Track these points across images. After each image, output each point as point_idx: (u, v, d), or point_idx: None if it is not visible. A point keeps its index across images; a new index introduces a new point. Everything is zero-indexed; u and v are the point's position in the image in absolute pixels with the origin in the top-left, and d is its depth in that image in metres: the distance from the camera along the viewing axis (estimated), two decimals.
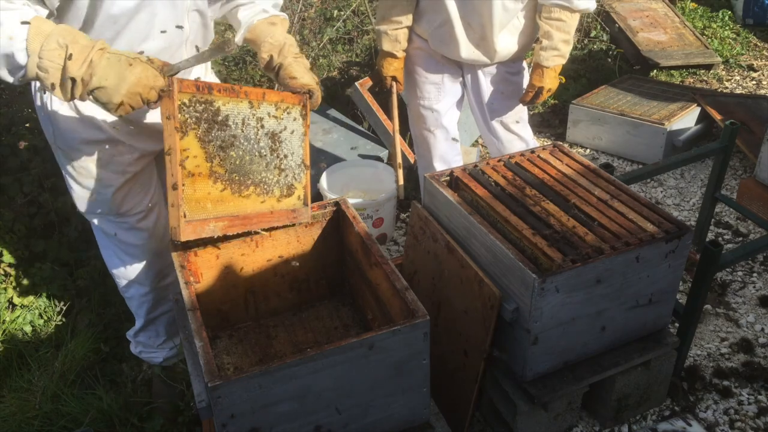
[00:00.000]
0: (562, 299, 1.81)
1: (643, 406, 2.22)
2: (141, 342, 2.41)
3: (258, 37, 1.94)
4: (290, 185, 1.91)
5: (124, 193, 2.01)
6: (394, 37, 2.62)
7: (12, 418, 2.36)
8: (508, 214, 1.99)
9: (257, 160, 1.82)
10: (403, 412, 1.71)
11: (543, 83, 2.56)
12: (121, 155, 1.94)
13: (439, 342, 2.09)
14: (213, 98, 1.70)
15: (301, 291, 2.14)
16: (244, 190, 1.80)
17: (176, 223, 1.66)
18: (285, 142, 1.88)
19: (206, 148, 1.70)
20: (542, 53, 2.51)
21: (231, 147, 1.76)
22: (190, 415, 2.32)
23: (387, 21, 2.61)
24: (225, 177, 1.76)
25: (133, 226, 2.09)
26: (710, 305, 2.76)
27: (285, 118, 1.87)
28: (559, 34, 2.46)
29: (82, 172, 1.94)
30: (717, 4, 5.76)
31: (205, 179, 1.71)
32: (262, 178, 1.84)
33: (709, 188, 2.84)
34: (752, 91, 4.67)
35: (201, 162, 1.70)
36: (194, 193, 1.69)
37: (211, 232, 1.72)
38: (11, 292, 2.83)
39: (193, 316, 1.65)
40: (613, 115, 3.89)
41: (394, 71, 2.73)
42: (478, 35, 2.52)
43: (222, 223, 1.75)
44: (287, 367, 1.49)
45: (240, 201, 1.80)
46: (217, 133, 1.72)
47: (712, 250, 2.04)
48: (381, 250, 1.84)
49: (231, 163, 1.76)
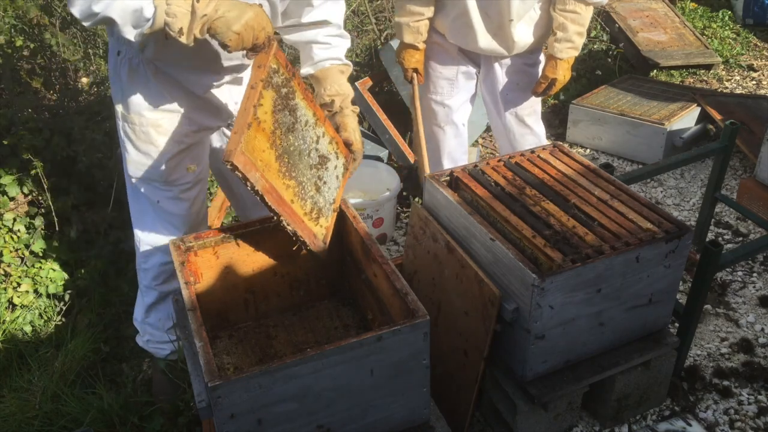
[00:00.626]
0: (562, 299, 1.81)
1: (643, 406, 2.22)
2: (150, 325, 2.37)
3: (326, 79, 2.09)
4: (319, 211, 1.92)
5: (176, 162, 2.11)
6: (415, 29, 2.64)
7: (12, 418, 2.36)
8: (508, 214, 1.99)
9: (305, 161, 1.86)
10: (403, 412, 1.71)
11: (556, 74, 2.60)
12: (180, 126, 2.05)
13: (439, 342, 2.09)
14: (293, 83, 1.80)
15: (301, 291, 2.14)
16: (287, 179, 1.80)
17: (234, 147, 1.63)
18: (328, 171, 1.95)
19: (275, 115, 1.75)
20: (556, 45, 2.54)
21: (291, 132, 1.81)
22: (190, 415, 2.32)
23: (408, 13, 2.62)
24: (279, 151, 1.77)
25: (176, 195, 2.18)
26: (710, 305, 2.76)
27: (334, 153, 1.97)
28: (573, 26, 2.49)
29: (142, 137, 2.05)
30: (717, 4, 5.76)
31: (265, 137, 1.73)
32: (303, 182, 1.85)
33: (709, 188, 2.84)
34: (752, 91, 4.67)
35: (268, 120, 1.73)
36: (254, 139, 1.69)
37: (254, 180, 1.68)
38: (11, 292, 2.83)
39: (193, 316, 1.65)
40: (613, 115, 3.89)
41: (415, 63, 2.74)
42: (495, 25, 2.55)
43: (264, 183, 1.71)
44: (287, 367, 1.49)
45: (281, 184, 1.79)
46: (285, 113, 1.78)
47: (712, 250, 2.04)
48: (381, 250, 1.84)
49: (287, 144, 1.80)
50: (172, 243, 1.90)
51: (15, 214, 2.92)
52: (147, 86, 1.97)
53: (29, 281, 2.87)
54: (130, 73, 1.96)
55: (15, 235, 2.90)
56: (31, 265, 2.90)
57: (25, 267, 2.88)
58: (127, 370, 2.62)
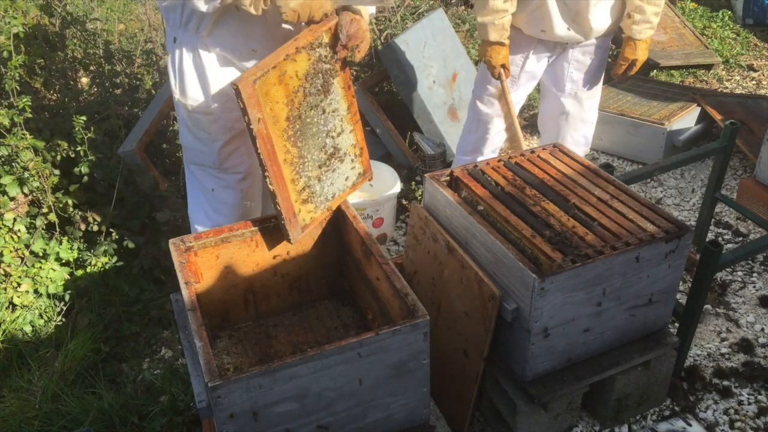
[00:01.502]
0: (562, 299, 1.81)
1: (643, 406, 2.22)
2: None
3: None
4: (311, 196, 1.93)
5: (230, 150, 2.18)
6: (500, 26, 2.68)
7: (12, 418, 2.36)
8: (508, 214, 1.99)
9: (317, 142, 1.89)
10: (403, 412, 1.71)
11: (636, 55, 2.69)
12: (230, 112, 2.11)
13: (439, 342, 2.09)
14: (338, 66, 1.85)
15: (301, 291, 2.14)
16: (290, 144, 1.83)
17: (248, 76, 1.71)
18: (338, 170, 1.98)
19: (305, 80, 1.80)
20: (634, 27, 2.62)
21: (315, 107, 1.84)
22: (190, 415, 2.32)
23: (492, 11, 2.66)
24: (294, 113, 1.80)
25: (230, 184, 2.26)
26: (710, 305, 2.75)
27: (352, 158, 2.01)
28: (650, 8, 2.57)
29: (196, 123, 2.13)
30: (717, 4, 5.76)
31: (285, 92, 1.76)
32: (305, 157, 1.87)
33: (709, 188, 2.84)
34: (752, 91, 4.67)
35: (294, 78, 1.77)
36: (272, 85, 1.73)
37: (253, 117, 1.70)
38: (11, 292, 2.83)
39: (193, 316, 1.65)
40: (613, 115, 3.89)
41: (503, 59, 2.78)
42: (573, 12, 2.61)
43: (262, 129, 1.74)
44: (287, 367, 1.49)
45: (281, 144, 1.81)
46: (317, 86, 1.82)
47: (712, 250, 2.04)
48: (381, 250, 1.84)
49: (305, 114, 1.83)
50: (172, 243, 1.90)
51: (15, 214, 2.92)
52: (200, 71, 2.05)
53: (29, 281, 2.87)
54: (185, 58, 2.05)
55: (15, 235, 2.90)
56: (31, 265, 2.89)
57: (25, 267, 2.88)
58: (127, 370, 2.62)
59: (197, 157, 2.25)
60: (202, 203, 2.35)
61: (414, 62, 3.71)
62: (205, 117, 2.12)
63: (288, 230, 1.88)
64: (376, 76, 3.96)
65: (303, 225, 1.93)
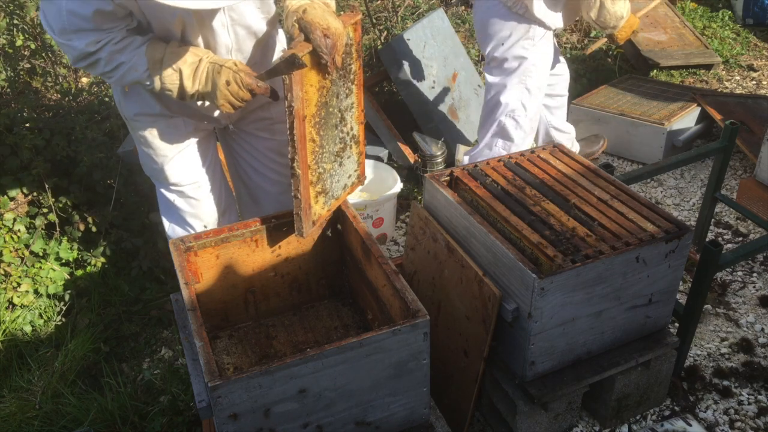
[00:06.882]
0: (562, 299, 1.81)
1: (643, 406, 2.22)
2: None
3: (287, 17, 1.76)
4: (323, 191, 1.91)
5: (178, 164, 2.17)
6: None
7: (12, 418, 2.36)
8: (508, 214, 1.99)
9: (335, 132, 1.88)
10: (403, 412, 1.71)
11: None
12: (176, 128, 2.10)
13: (439, 342, 2.09)
14: (355, 55, 1.84)
15: (301, 291, 2.14)
16: (314, 131, 1.79)
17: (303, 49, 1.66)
18: (344, 166, 1.98)
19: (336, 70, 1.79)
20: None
21: (336, 96, 1.83)
22: (190, 415, 2.32)
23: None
24: (322, 100, 1.78)
25: (187, 195, 2.25)
26: (710, 305, 2.75)
27: (354, 158, 2.02)
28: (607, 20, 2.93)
29: (142, 140, 2.13)
30: (717, 4, 5.76)
31: (317, 77, 1.73)
32: (324, 147, 1.86)
33: (709, 188, 2.84)
34: (752, 91, 4.67)
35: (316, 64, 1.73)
36: (310, 69, 1.70)
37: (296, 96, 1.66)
38: (11, 292, 2.83)
39: (193, 316, 1.65)
40: (613, 115, 3.89)
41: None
42: None
43: (301, 109, 1.70)
44: (287, 367, 1.49)
45: (308, 130, 1.78)
46: (341, 75, 1.82)
47: (712, 250, 2.04)
48: (381, 250, 1.84)
49: (330, 102, 1.81)
50: (172, 243, 1.90)
51: (15, 214, 2.92)
52: (140, 93, 2.03)
53: (29, 281, 2.87)
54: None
55: (15, 235, 2.91)
56: (31, 265, 2.90)
57: (25, 267, 2.88)
58: (127, 370, 2.62)
59: (150, 173, 2.26)
60: (172, 211, 2.34)
61: (414, 62, 3.71)
62: (150, 135, 2.12)
63: (303, 222, 1.85)
64: (376, 76, 3.97)
65: (314, 219, 1.92)
